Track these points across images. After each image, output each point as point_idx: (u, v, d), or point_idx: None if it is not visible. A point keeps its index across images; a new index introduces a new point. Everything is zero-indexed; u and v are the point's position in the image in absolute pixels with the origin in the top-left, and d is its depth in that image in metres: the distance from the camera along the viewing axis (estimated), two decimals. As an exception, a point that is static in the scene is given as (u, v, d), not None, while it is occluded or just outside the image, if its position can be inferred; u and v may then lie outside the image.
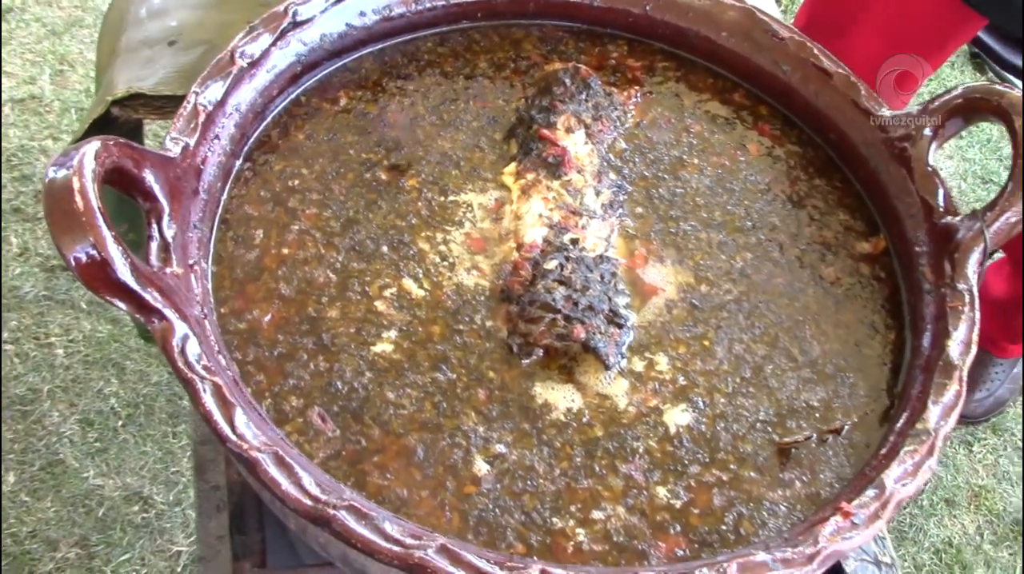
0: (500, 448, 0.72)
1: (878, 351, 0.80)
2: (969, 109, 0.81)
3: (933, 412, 0.71)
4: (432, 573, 0.60)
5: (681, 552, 0.68)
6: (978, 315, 0.76)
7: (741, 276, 0.82)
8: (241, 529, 0.82)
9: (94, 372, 2.00)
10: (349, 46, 0.90)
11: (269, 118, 0.87)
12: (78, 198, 0.64)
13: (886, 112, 0.86)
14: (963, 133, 2.64)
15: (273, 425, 0.68)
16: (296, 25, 0.86)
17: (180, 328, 0.66)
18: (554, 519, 0.69)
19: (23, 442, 1.90)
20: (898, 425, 0.72)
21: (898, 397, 0.77)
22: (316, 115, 0.88)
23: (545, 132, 0.88)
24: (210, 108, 0.79)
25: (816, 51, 0.90)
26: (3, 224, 2.18)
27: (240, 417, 0.64)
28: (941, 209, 0.80)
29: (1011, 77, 1.92)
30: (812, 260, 0.84)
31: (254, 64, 0.83)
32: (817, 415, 0.76)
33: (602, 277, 0.80)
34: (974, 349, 0.74)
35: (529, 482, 0.70)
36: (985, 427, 2.17)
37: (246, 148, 0.83)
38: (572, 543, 0.68)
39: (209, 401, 0.65)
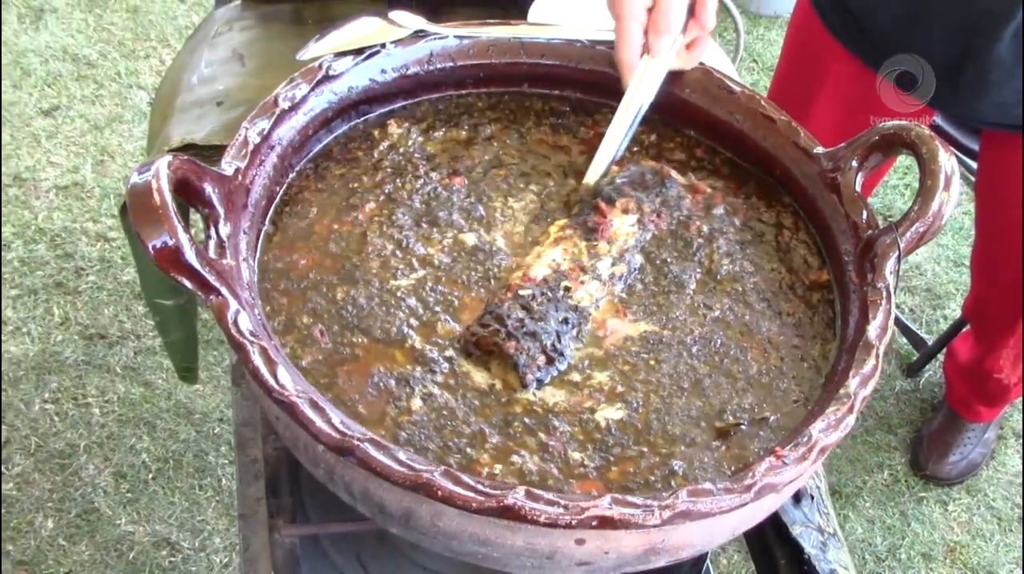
0: (435, 390, 0.86)
1: (814, 363, 0.93)
2: (886, 144, 0.96)
3: (854, 381, 0.84)
4: (436, 490, 0.74)
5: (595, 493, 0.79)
6: (893, 308, 0.90)
7: (708, 321, 0.95)
8: (276, 493, 0.95)
9: (127, 430, 2.14)
10: (373, 98, 1.06)
11: (307, 156, 1.03)
12: (156, 196, 0.79)
13: (819, 149, 1.01)
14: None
15: (271, 333, 0.84)
16: (328, 78, 1.02)
17: (233, 304, 0.81)
18: (469, 450, 0.82)
19: (61, 492, 2.02)
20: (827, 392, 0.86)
21: (827, 379, 0.91)
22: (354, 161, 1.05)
23: (603, 206, 1.00)
24: (257, 140, 0.95)
25: (763, 102, 1.06)
26: (47, 297, 2.33)
27: (282, 372, 0.78)
28: (864, 225, 0.95)
29: (967, 160, 2.08)
30: (776, 298, 0.97)
31: (293, 107, 0.99)
32: (747, 416, 0.89)
33: (566, 320, 0.91)
34: (890, 333, 0.88)
35: (451, 422, 0.84)
36: (959, 488, 2.28)
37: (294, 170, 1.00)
38: (487, 471, 0.81)
39: (257, 360, 0.79)
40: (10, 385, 2.17)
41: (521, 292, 0.90)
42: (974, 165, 1.96)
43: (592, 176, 1.04)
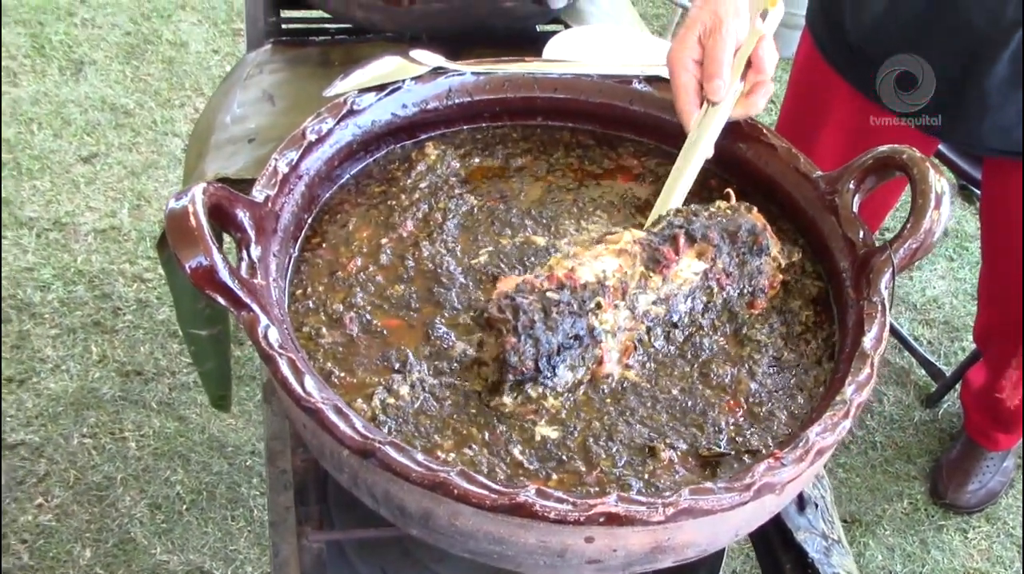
0: (427, 376, 0.93)
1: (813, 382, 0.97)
2: (880, 167, 1.01)
3: (849, 388, 0.88)
4: (453, 488, 0.78)
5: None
6: (887, 321, 0.94)
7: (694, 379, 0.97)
8: (304, 502, 1.00)
9: (162, 463, 2.19)
10: (396, 130, 1.12)
11: (333, 186, 1.09)
12: (192, 220, 0.85)
13: (818, 174, 1.06)
14: (954, 256, 2.84)
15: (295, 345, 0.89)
16: (352, 112, 1.08)
17: (263, 319, 0.86)
18: (435, 437, 0.88)
19: (99, 522, 2.08)
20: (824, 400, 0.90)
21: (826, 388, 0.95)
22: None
23: (681, 240, 0.98)
24: (286, 170, 1.00)
25: (765, 130, 1.11)
26: (85, 336, 2.40)
27: (308, 381, 0.83)
28: (861, 243, 0.99)
29: (973, 188, 2.12)
30: (779, 327, 1.01)
31: (320, 139, 1.05)
32: (737, 439, 0.91)
33: (577, 337, 0.91)
34: (884, 343, 0.92)
35: (426, 411, 0.90)
36: (979, 516, 2.29)
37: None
38: (443, 458, 0.86)
39: (286, 370, 0.84)
40: (49, 420, 2.23)
41: (550, 294, 0.91)
42: (978, 192, 2.00)
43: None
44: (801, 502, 1.06)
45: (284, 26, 1.53)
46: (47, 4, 3.37)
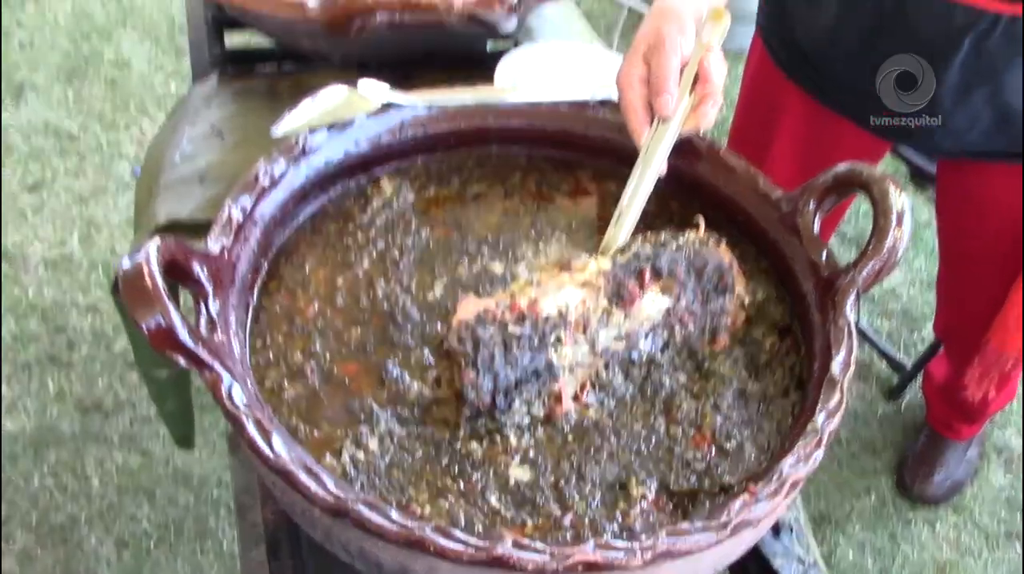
0: (394, 427, 0.91)
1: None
2: (840, 186, 1.01)
3: (820, 415, 0.88)
4: (430, 545, 0.77)
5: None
6: (855, 343, 0.94)
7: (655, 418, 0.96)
8: (277, 556, 0.99)
9: (127, 499, 2.16)
10: (351, 167, 1.11)
11: (289, 229, 1.07)
12: (148, 280, 0.83)
13: (779, 194, 1.05)
14: (909, 245, 2.85)
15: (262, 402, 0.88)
16: (305, 153, 1.07)
17: (227, 379, 0.84)
18: (410, 490, 0.87)
19: (64, 565, 2.05)
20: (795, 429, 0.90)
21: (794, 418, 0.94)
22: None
23: (647, 275, 0.97)
24: (241, 218, 0.98)
25: (722, 152, 1.11)
26: (41, 371, 2.36)
27: (276, 440, 0.81)
28: (824, 265, 0.99)
29: (925, 174, 2.14)
30: (743, 359, 1.00)
31: (273, 183, 1.03)
32: (707, 474, 0.91)
33: (536, 373, 0.91)
34: (853, 368, 0.92)
35: (397, 464, 0.89)
36: (946, 507, 2.31)
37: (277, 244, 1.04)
38: (420, 512, 0.85)
39: (253, 431, 0.82)
40: (8, 462, 2.20)
41: (511, 328, 0.90)
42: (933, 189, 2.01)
43: (616, 242, 1.04)
44: (776, 527, 1.06)
45: (230, 51, 1.51)
46: (-18, 29, 3.32)
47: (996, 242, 1.78)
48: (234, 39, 1.52)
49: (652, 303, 0.97)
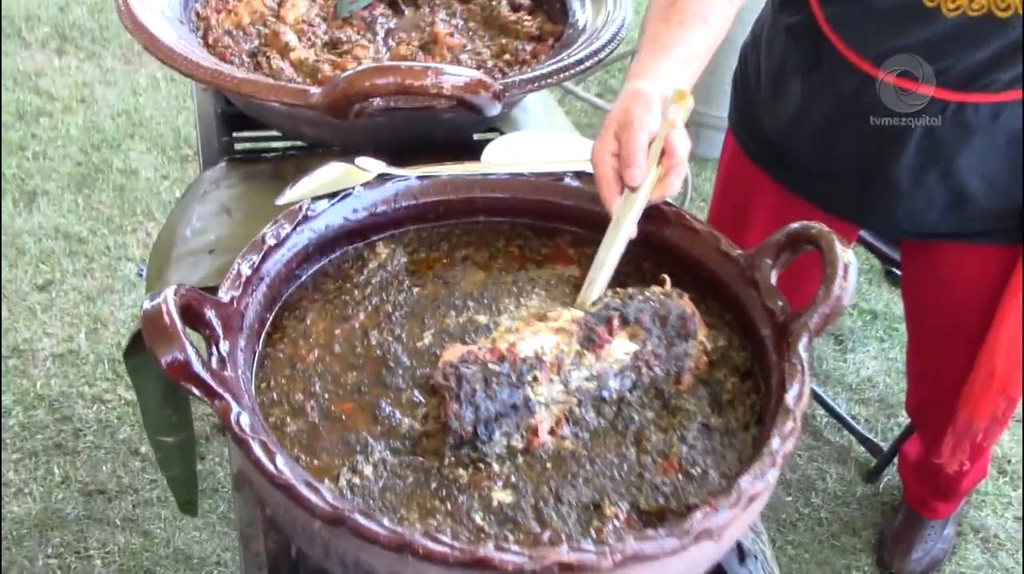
0: (387, 457, 0.99)
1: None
2: (792, 242, 1.10)
3: (775, 440, 0.96)
4: (419, 548, 0.84)
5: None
6: (808, 379, 1.02)
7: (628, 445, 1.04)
8: (278, 583, 1.06)
9: (128, 578, 2.20)
10: (349, 233, 1.20)
11: (292, 286, 1.16)
12: (166, 318, 0.92)
13: (738, 252, 1.15)
14: (884, 337, 2.95)
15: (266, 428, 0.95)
16: (307, 218, 1.16)
17: (235, 407, 0.92)
18: (401, 511, 0.94)
19: (67, 644, 2.08)
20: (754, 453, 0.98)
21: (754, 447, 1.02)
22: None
23: (615, 322, 1.07)
24: (249, 272, 1.08)
25: (688, 216, 1.20)
26: (47, 458, 2.42)
27: (279, 459, 0.89)
28: (779, 312, 1.08)
29: (897, 271, 2.23)
30: (706, 397, 1.08)
31: (279, 243, 1.12)
32: (674, 496, 0.97)
33: (514, 406, 0.99)
34: (805, 399, 0.99)
35: (390, 487, 0.96)
36: (925, 583, 2.35)
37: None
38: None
39: (258, 451, 0.90)
40: (14, 543, 2.24)
41: (491, 366, 0.99)
42: (899, 272, 2.11)
43: (591, 298, 1.13)
44: (742, 554, 1.12)
45: (237, 146, 1.62)
46: (-2, 140, 3.45)
47: (961, 318, 1.87)
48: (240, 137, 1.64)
49: (620, 347, 1.06)
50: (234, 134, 1.63)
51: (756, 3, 1.81)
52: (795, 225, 1.11)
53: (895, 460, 2.52)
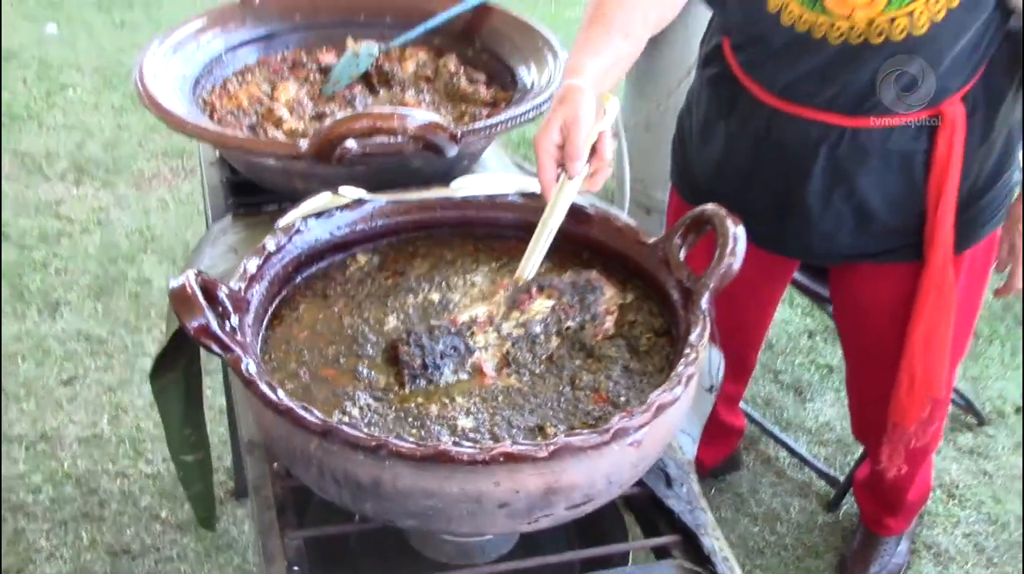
0: (369, 401, 1.20)
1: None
2: (695, 224, 1.32)
3: (680, 367, 1.17)
4: (392, 447, 1.04)
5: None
6: (708, 326, 1.23)
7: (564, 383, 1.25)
8: (282, 515, 1.25)
9: (154, 628, 2.35)
10: (335, 246, 1.43)
11: (287, 288, 1.38)
12: (190, 290, 1.13)
13: (652, 239, 1.37)
14: (840, 387, 3.14)
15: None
16: (299, 232, 1.39)
17: (244, 359, 1.13)
18: (383, 436, 1.10)
19: None
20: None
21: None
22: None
23: (534, 291, 1.31)
24: (253, 270, 1.30)
25: (612, 218, 1.43)
26: (76, 526, 2.59)
27: (280, 392, 1.10)
28: (685, 279, 1.30)
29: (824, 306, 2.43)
30: (626, 348, 1.30)
31: (277, 250, 1.35)
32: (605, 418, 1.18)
33: (454, 347, 1.24)
34: (706, 337, 1.21)
35: (375, 422, 1.17)
36: (885, 596, 2.49)
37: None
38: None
39: (264, 388, 1.10)
40: (47, 601, 2.41)
41: (434, 322, 1.26)
42: (830, 307, 2.31)
43: (526, 271, 1.36)
44: (668, 480, 1.32)
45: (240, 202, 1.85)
46: (23, 259, 3.69)
47: (881, 335, 2.06)
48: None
49: (541, 304, 1.30)
50: (238, 199, 1.86)
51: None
52: (695, 210, 1.34)
53: (852, 490, 2.68)
